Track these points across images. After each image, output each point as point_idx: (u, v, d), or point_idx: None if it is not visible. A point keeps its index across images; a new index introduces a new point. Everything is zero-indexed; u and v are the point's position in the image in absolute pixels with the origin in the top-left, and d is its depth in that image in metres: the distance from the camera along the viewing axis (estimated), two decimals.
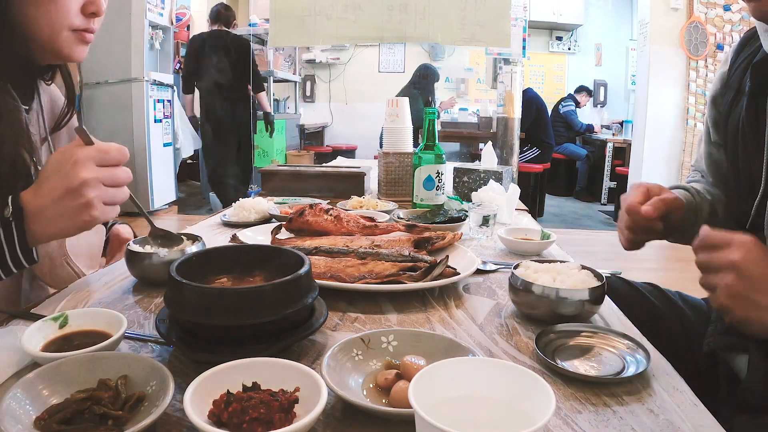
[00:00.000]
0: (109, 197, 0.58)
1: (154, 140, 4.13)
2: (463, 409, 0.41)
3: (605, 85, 6.42)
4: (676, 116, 4.19)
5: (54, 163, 0.56)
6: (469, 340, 0.63)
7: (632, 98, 5.99)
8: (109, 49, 3.85)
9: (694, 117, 4.15)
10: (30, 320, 0.61)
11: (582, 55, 6.49)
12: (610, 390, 0.52)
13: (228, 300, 0.52)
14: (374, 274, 0.74)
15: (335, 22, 1.78)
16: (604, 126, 6.11)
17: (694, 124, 4.16)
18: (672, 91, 4.13)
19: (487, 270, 0.88)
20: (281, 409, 0.42)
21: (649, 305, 0.88)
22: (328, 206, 0.98)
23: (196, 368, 0.49)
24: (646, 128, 4.20)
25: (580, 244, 3.56)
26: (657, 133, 4.18)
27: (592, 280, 0.68)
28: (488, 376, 0.42)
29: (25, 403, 0.43)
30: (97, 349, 0.52)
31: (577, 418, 0.47)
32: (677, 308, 0.89)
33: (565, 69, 6.51)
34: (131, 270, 0.78)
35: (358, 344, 0.54)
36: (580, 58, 6.49)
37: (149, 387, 0.46)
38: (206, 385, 0.44)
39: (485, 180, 1.42)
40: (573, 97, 5.67)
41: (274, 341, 0.53)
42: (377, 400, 0.48)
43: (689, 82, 4.12)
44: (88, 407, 0.43)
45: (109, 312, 0.59)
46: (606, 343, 0.60)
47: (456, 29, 1.76)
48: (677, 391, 0.52)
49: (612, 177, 5.26)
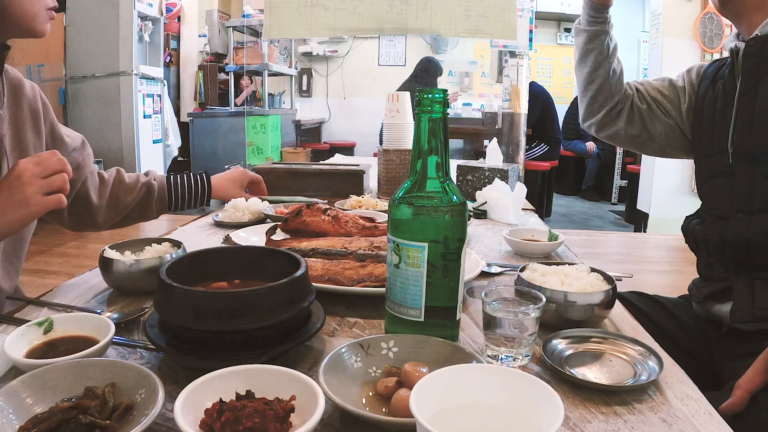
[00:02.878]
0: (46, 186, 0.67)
1: (144, 137, 4.06)
2: (466, 419, 0.40)
3: None
4: None
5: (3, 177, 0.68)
6: (474, 346, 0.61)
7: None
8: (96, 41, 3.80)
9: None
10: (13, 325, 0.60)
11: None
12: (621, 398, 0.51)
13: (220, 304, 0.51)
14: (374, 276, 0.73)
15: (333, 13, 1.75)
16: None
17: None
18: None
19: (492, 272, 0.86)
20: (276, 418, 0.41)
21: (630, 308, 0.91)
22: (326, 206, 0.97)
23: (187, 375, 0.48)
24: None
25: (590, 245, 3.53)
26: None
27: (602, 284, 0.67)
28: (493, 384, 0.41)
29: (8, 413, 0.43)
30: (83, 355, 0.51)
31: (586, 427, 0.46)
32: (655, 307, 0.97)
33: (574, 62, 6.46)
34: (106, 279, 0.74)
35: (357, 350, 0.53)
36: None
37: (138, 395, 0.45)
38: (198, 393, 0.43)
39: (490, 178, 1.41)
40: None
41: (269, 347, 0.52)
42: (377, 408, 0.48)
43: None
44: (74, 416, 0.42)
45: (96, 317, 0.59)
46: (617, 349, 0.59)
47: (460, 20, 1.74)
48: (691, 399, 0.51)
49: (623, 175, 5.22)
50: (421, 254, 0.54)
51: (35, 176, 0.66)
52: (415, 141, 0.56)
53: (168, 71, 4.53)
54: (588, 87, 1.05)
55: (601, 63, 1.02)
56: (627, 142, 1.05)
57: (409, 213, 0.55)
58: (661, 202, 3.92)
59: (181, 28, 5.65)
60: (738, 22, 0.88)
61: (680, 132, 1.00)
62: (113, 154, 3.88)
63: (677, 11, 3.90)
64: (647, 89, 1.02)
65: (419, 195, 0.55)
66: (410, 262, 0.55)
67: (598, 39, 1.01)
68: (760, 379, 0.65)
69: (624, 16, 6.27)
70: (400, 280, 0.56)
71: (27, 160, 0.67)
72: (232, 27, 4.87)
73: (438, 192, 0.55)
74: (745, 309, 0.80)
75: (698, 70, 0.99)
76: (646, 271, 2.91)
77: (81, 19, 3.82)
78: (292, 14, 1.79)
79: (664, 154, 1.05)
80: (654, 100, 1.01)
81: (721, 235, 0.84)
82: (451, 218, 0.55)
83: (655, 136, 1.01)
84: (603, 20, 1.01)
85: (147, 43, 4.19)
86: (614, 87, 1.02)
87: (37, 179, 0.66)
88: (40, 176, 0.66)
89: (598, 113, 1.04)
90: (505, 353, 0.55)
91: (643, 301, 0.97)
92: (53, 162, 0.68)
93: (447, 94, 0.55)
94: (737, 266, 0.83)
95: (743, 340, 0.80)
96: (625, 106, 1.02)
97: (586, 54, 1.03)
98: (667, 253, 3.42)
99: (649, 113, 1.01)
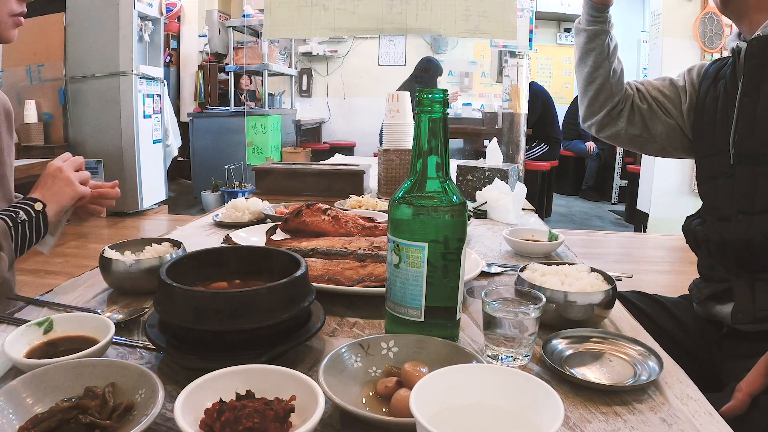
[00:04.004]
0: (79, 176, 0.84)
1: (144, 137, 4.03)
2: (467, 419, 0.40)
3: None
4: None
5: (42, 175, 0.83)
6: (474, 346, 0.61)
7: None
8: (96, 41, 3.78)
9: None
10: (13, 325, 0.60)
11: None
12: (621, 398, 0.51)
13: (220, 304, 0.51)
14: (374, 276, 0.72)
15: (333, 13, 1.75)
16: None
17: None
18: None
19: (492, 272, 0.86)
20: (276, 418, 0.41)
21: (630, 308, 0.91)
22: (326, 206, 0.96)
23: (187, 375, 0.48)
24: None
25: (590, 245, 3.53)
26: None
27: (602, 284, 0.67)
28: (493, 384, 0.41)
29: (8, 412, 0.43)
30: (83, 355, 0.51)
31: (586, 427, 0.46)
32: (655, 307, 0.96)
33: (574, 62, 6.44)
34: (106, 278, 0.74)
35: (357, 350, 0.53)
36: None
37: (138, 395, 0.45)
38: (198, 393, 0.43)
39: (490, 178, 1.41)
40: None
41: (269, 347, 0.52)
42: (377, 408, 0.47)
43: None
44: (74, 416, 0.42)
45: (96, 317, 0.58)
46: (616, 349, 0.58)
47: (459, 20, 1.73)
48: (691, 399, 0.51)
49: (623, 175, 5.20)
50: (421, 254, 0.54)
51: (70, 168, 0.82)
52: (415, 141, 0.56)
53: (168, 71, 4.51)
54: (588, 87, 1.04)
55: (601, 63, 1.01)
56: (628, 142, 1.05)
57: (409, 213, 0.55)
58: (661, 202, 3.91)
59: (181, 28, 5.64)
60: (740, 21, 0.87)
61: (681, 132, 0.99)
62: (113, 154, 3.88)
63: (677, 11, 3.89)
64: (648, 89, 1.02)
65: (419, 195, 0.55)
66: (410, 262, 0.55)
67: (599, 39, 1.01)
68: (761, 382, 0.65)
69: (624, 16, 6.25)
70: (400, 280, 0.56)
71: (57, 160, 0.83)
72: (232, 27, 4.86)
73: (438, 192, 0.55)
74: (745, 310, 0.79)
75: (699, 69, 0.99)
76: (646, 271, 2.90)
77: (81, 19, 3.82)
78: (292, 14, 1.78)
79: (665, 154, 1.04)
80: (655, 100, 1.01)
81: (722, 236, 0.83)
82: (451, 218, 0.55)
83: (655, 135, 1.01)
84: (603, 20, 1.01)
85: (147, 43, 4.17)
86: (615, 87, 1.02)
87: (71, 171, 0.82)
88: (73, 168, 0.83)
89: (599, 113, 1.04)
90: (505, 353, 0.55)
91: (643, 300, 0.97)
92: (78, 162, 0.84)
93: (447, 94, 0.55)
94: (738, 267, 0.83)
95: (744, 340, 0.80)
96: (626, 106, 1.02)
97: (586, 54, 1.03)
98: (667, 253, 3.42)
99: (649, 113, 1.01)
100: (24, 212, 0.76)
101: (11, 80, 3.90)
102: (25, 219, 0.75)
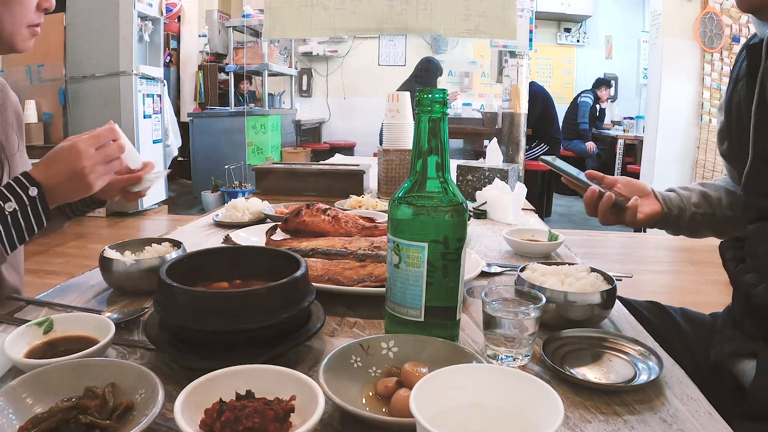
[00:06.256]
0: (106, 171, 0.72)
1: (144, 137, 4.04)
2: (466, 419, 0.40)
3: (616, 79, 6.20)
4: (690, 111, 4.08)
5: (59, 151, 0.71)
6: (474, 346, 0.61)
7: (644, 93, 5.88)
8: (96, 41, 3.78)
9: (709, 112, 4.05)
10: (13, 325, 0.60)
11: (591, 47, 6.34)
12: (621, 398, 0.51)
13: (221, 304, 0.51)
14: (374, 276, 0.72)
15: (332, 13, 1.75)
16: (615, 122, 5.98)
17: (709, 119, 4.05)
18: (685, 86, 4.01)
19: (492, 272, 0.86)
20: (276, 418, 0.41)
21: (648, 325, 0.86)
22: (326, 206, 0.96)
23: (187, 375, 0.48)
24: (658, 124, 4.08)
25: (590, 245, 3.52)
26: (670, 129, 4.06)
27: (602, 284, 0.66)
28: (493, 384, 0.41)
29: (8, 413, 0.42)
30: (83, 355, 0.51)
31: (586, 427, 0.46)
32: (678, 327, 0.88)
33: (574, 62, 6.37)
34: (106, 278, 0.74)
35: (357, 350, 0.53)
36: (589, 51, 6.34)
37: (138, 395, 0.45)
38: (198, 393, 0.43)
39: (490, 178, 1.41)
40: (594, 92, 5.46)
41: (269, 347, 0.52)
42: (377, 408, 0.47)
43: (704, 76, 4.00)
44: (74, 417, 0.42)
45: (96, 317, 0.58)
46: (617, 349, 0.58)
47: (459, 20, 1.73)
48: (691, 399, 0.51)
49: (623, 175, 5.18)
50: (421, 254, 0.54)
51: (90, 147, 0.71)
52: (415, 141, 0.56)
53: (168, 71, 4.51)
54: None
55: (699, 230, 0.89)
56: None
57: (409, 213, 0.55)
58: None
59: (181, 28, 5.64)
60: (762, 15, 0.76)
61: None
62: None
63: (677, 11, 3.89)
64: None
65: (419, 195, 0.55)
66: (410, 262, 0.55)
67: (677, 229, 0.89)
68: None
69: (624, 16, 6.27)
70: (400, 280, 0.56)
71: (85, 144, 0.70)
72: (232, 27, 4.86)
73: (438, 192, 0.55)
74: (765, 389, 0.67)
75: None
76: (645, 271, 2.90)
77: (81, 19, 3.82)
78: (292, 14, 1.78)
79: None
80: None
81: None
82: (451, 218, 0.55)
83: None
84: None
85: (147, 43, 4.17)
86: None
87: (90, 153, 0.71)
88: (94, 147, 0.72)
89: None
90: (505, 353, 0.55)
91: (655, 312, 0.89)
92: (103, 135, 0.72)
93: (447, 94, 0.55)
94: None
95: (744, 340, 0.79)
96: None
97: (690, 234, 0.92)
98: (666, 254, 3.42)
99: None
100: (16, 200, 0.66)
101: (11, 80, 3.88)
102: (16, 209, 0.66)
